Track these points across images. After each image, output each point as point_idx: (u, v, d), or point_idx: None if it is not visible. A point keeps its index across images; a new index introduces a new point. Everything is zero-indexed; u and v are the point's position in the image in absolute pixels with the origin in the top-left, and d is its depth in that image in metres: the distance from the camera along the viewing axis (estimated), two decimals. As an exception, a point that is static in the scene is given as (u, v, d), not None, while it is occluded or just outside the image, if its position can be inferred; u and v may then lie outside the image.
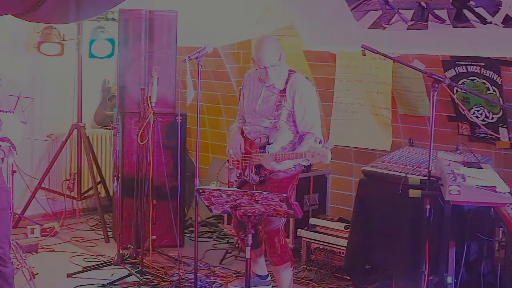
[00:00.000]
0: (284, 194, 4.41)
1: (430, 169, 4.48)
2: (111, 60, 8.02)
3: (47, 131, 8.01)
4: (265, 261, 5.89)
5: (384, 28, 5.97)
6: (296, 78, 5.40)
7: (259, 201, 4.42)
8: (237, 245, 6.83)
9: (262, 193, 4.40)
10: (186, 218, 7.59)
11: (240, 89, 5.77)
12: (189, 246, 6.93)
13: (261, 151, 5.37)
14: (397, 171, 5.29)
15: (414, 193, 4.44)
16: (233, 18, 7.45)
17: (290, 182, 5.46)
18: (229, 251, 6.79)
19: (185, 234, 7.25)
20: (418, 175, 5.08)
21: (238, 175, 5.56)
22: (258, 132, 5.44)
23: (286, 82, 5.38)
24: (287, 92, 5.34)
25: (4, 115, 4.74)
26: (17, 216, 7.47)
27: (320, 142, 5.14)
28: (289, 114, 5.35)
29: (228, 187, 5.60)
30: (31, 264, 5.89)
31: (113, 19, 7.63)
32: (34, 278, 5.75)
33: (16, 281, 5.22)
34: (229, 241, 7.28)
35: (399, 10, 5.77)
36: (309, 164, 5.55)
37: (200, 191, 4.58)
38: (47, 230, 7.41)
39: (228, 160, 5.68)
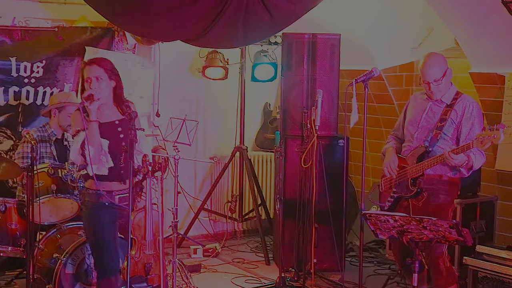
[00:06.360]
0: (454, 221, 4.28)
1: None
2: (272, 84, 8.12)
3: (210, 153, 8.18)
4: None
5: (558, 47, 5.72)
6: (467, 96, 5.41)
7: (428, 227, 4.31)
8: (399, 271, 6.68)
9: (431, 219, 4.29)
10: (346, 242, 7.51)
11: (404, 109, 5.76)
12: (349, 271, 6.86)
13: (419, 161, 5.30)
14: None
15: None
16: (395, 40, 7.37)
17: (450, 205, 5.37)
18: (391, 277, 6.65)
19: (346, 259, 7.17)
20: None
21: (391, 194, 5.50)
22: (418, 146, 5.41)
23: (455, 99, 5.37)
24: (456, 105, 5.33)
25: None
26: (180, 236, 7.63)
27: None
28: (454, 127, 5.31)
29: (380, 209, 5.56)
30: (195, 284, 6.01)
31: (276, 43, 7.73)
32: (199, 297, 5.88)
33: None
34: (391, 267, 7.14)
35: None
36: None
37: (367, 215, 4.52)
38: (209, 250, 7.56)
39: (379, 184, 5.65)
